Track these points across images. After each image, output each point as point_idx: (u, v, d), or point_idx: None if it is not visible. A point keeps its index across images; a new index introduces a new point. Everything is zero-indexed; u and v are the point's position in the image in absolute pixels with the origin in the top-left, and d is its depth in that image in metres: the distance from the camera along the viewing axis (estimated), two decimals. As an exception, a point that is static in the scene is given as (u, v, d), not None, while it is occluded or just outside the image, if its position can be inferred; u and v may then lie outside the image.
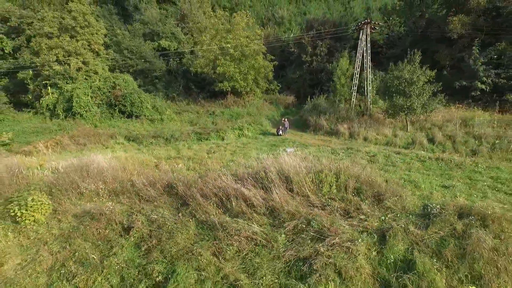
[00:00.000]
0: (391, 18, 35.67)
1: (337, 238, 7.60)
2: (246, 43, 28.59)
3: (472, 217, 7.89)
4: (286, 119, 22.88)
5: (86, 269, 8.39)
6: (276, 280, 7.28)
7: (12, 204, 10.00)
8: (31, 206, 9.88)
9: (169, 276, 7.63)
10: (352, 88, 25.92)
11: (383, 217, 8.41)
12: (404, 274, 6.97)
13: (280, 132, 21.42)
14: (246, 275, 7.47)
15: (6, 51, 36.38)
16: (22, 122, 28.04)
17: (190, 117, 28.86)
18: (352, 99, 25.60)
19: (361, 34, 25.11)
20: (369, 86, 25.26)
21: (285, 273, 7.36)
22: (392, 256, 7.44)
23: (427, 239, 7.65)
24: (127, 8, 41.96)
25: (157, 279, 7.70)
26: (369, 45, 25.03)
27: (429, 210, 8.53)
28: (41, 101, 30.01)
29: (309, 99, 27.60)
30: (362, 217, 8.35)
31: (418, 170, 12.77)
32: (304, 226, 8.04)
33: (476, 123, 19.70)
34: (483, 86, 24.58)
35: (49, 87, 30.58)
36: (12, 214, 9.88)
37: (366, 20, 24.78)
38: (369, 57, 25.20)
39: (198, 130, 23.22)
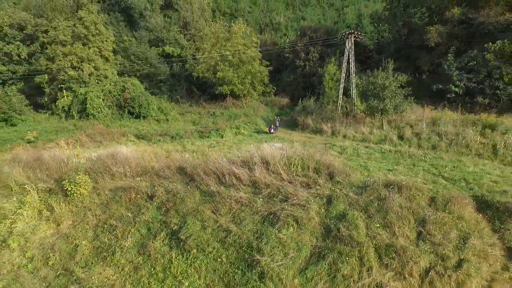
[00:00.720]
0: (380, 25, 39.47)
1: (297, 200, 11.45)
2: (244, 50, 32.56)
3: (392, 186, 11.70)
4: (277, 119, 26.74)
5: (123, 224, 12.34)
6: (255, 227, 11.17)
7: (64, 181, 13.94)
8: (78, 183, 13.81)
9: (182, 225, 11.53)
10: (339, 91, 29.72)
11: (333, 188, 12.24)
12: (340, 221, 10.82)
13: (272, 130, 25.28)
14: (235, 224, 11.37)
15: (21, 57, 40.54)
16: (41, 122, 32.20)
17: (192, 118, 32.83)
18: (339, 101, 29.40)
19: (346, 42, 28.92)
20: (354, 90, 29.05)
21: (261, 222, 11.25)
22: (334, 212, 11.30)
23: (360, 201, 11.48)
24: (133, 15, 46.14)
25: (174, 228, 11.62)
26: (353, 52, 28.83)
27: (366, 183, 12.35)
28: (57, 103, 34.12)
29: (300, 101, 31.46)
30: (318, 187, 12.19)
31: (375, 159, 16.59)
32: (275, 192, 11.92)
33: (441, 122, 23.42)
34: (457, 89, 28.23)
35: (64, 91, 34.68)
36: (65, 188, 13.82)
37: (350, 31, 28.63)
38: (353, 63, 29.02)
39: (200, 129, 27.17)
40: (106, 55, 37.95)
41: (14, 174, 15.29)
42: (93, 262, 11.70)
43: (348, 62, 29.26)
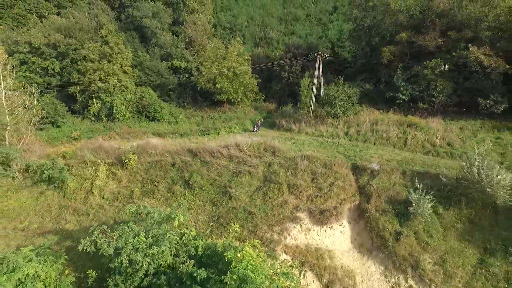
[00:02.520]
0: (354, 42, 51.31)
1: (252, 164, 23.55)
2: (237, 66, 44.98)
3: (304, 157, 23.61)
4: (259, 121, 38.86)
5: (158, 178, 24.72)
6: (228, 177, 23.33)
7: (122, 157, 26.42)
8: (130, 158, 26.25)
9: (190, 177, 23.79)
10: (312, 98, 41.63)
11: (273, 158, 24.23)
12: (272, 174, 22.85)
13: (255, 129, 37.31)
14: (218, 176, 23.55)
15: (55, 71, 54.10)
16: (78, 124, 45.30)
17: (196, 120, 45.33)
18: (311, 107, 41.33)
19: (317, 60, 40.91)
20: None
21: (232, 175, 23.41)
22: (271, 170, 23.36)
23: (286, 165, 23.46)
24: (145, 32, 59.39)
25: (186, 179, 23.90)
26: (321, 68, 40.82)
27: (293, 156, 24.25)
28: (89, 109, 47.24)
29: (282, 106, 43.54)
30: (265, 158, 24.25)
31: (313, 146, 28.40)
32: (241, 160, 24.07)
33: (380, 123, 34.98)
34: (404, 97, 39.69)
35: (94, 99, 47.79)
36: (122, 162, 26.28)
37: (318, 52, 40.69)
38: (321, 77, 41.00)
39: (202, 129, 39.54)
40: (126, 69, 51.05)
41: (87, 155, 27.93)
42: (143, 197, 24.05)
43: (319, 76, 41.23)
